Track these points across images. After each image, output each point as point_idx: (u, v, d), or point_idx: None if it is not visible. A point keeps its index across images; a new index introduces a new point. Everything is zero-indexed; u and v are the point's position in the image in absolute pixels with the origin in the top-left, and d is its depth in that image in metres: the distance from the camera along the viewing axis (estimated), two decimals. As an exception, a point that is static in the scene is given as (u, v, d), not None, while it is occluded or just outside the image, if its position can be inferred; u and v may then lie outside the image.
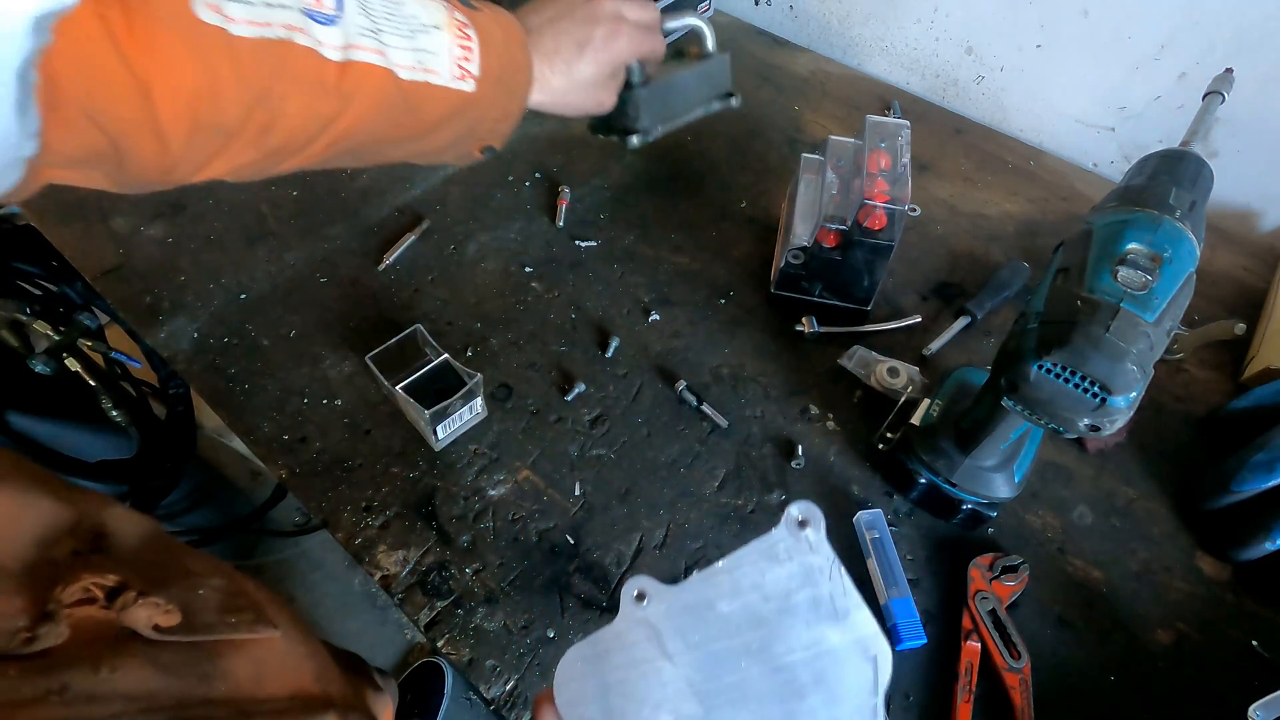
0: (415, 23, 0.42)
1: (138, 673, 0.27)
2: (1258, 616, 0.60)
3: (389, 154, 0.47)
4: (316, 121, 0.39)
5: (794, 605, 0.32)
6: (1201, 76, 0.82)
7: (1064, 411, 0.46)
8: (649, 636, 0.32)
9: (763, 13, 1.18)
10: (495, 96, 0.46)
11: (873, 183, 0.67)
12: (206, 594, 0.33)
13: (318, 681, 0.36)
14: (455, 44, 0.43)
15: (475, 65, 0.44)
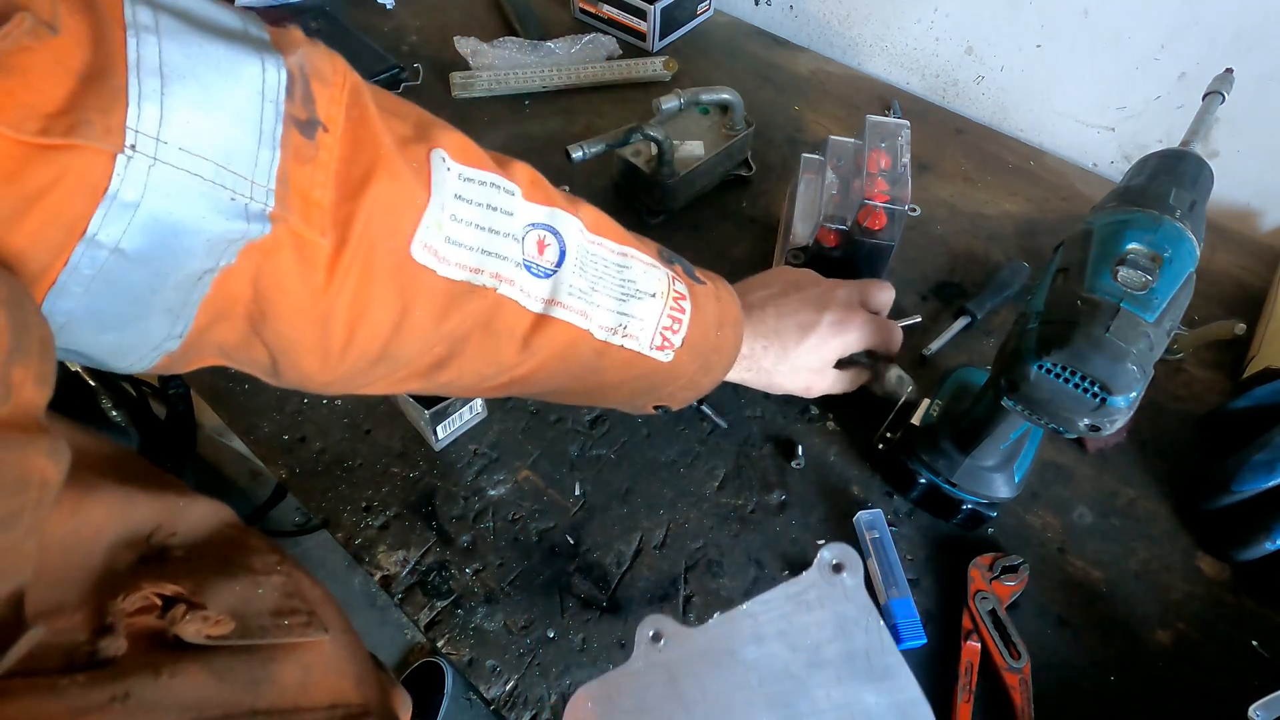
0: (632, 287, 0.42)
1: (194, 678, 0.27)
2: (1258, 616, 0.60)
3: (553, 398, 0.47)
4: (494, 368, 0.38)
5: (824, 658, 0.28)
6: (1201, 76, 0.82)
7: (1064, 411, 0.46)
8: (664, 680, 0.29)
9: (763, 13, 1.18)
10: (689, 369, 0.45)
11: (873, 183, 0.67)
12: (265, 593, 0.32)
13: (358, 688, 0.36)
14: (666, 314, 0.43)
15: (679, 338, 0.43)
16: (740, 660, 0.28)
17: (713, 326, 0.46)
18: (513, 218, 0.35)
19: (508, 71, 1.00)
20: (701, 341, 0.45)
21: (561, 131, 0.96)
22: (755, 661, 0.28)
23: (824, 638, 0.28)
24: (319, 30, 1.03)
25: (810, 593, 0.29)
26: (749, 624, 0.29)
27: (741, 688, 0.28)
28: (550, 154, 0.92)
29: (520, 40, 1.04)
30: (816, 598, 0.29)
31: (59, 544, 0.25)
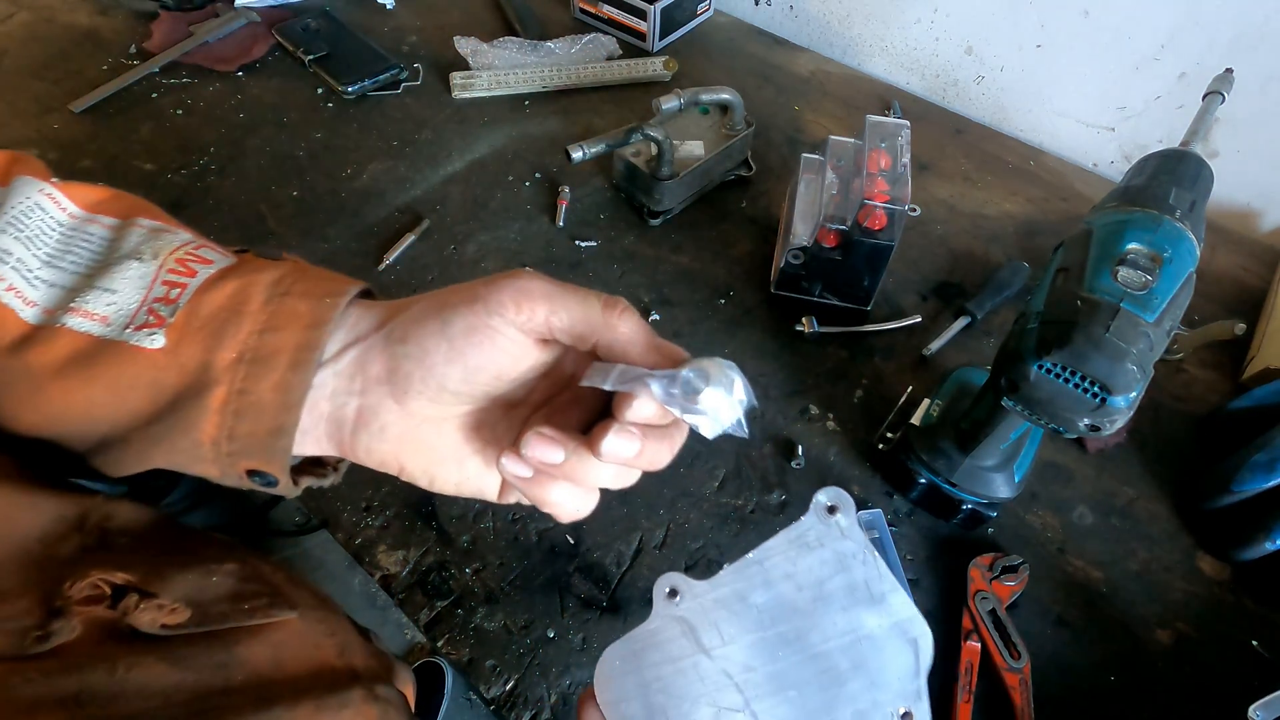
0: (115, 256, 0.29)
1: (153, 669, 0.27)
2: (1258, 616, 0.60)
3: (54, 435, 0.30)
4: None
5: (828, 592, 0.31)
6: (1201, 76, 0.82)
7: (1064, 411, 0.46)
8: (684, 632, 0.31)
9: (763, 13, 1.18)
10: (215, 363, 0.28)
11: (873, 183, 0.67)
12: (220, 580, 0.31)
13: (341, 656, 0.35)
14: (162, 280, 0.29)
15: (175, 308, 0.28)
16: (752, 604, 0.31)
17: (263, 293, 0.29)
18: None
19: (508, 71, 1.00)
20: (232, 312, 0.28)
21: (561, 131, 0.96)
22: (766, 604, 0.31)
23: (825, 574, 0.31)
24: (319, 30, 1.03)
25: (810, 535, 0.31)
26: (756, 570, 0.31)
27: (756, 628, 0.31)
28: (550, 154, 0.92)
29: (520, 40, 1.04)
30: (815, 538, 0.32)
31: None
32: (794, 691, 0.30)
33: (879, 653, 0.30)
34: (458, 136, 0.94)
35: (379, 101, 0.98)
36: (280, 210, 0.84)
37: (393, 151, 0.91)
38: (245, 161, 0.88)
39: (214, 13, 1.05)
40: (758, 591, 0.31)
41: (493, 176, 0.89)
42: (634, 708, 0.31)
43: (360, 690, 0.33)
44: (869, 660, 0.30)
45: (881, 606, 0.31)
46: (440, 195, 0.87)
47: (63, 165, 0.86)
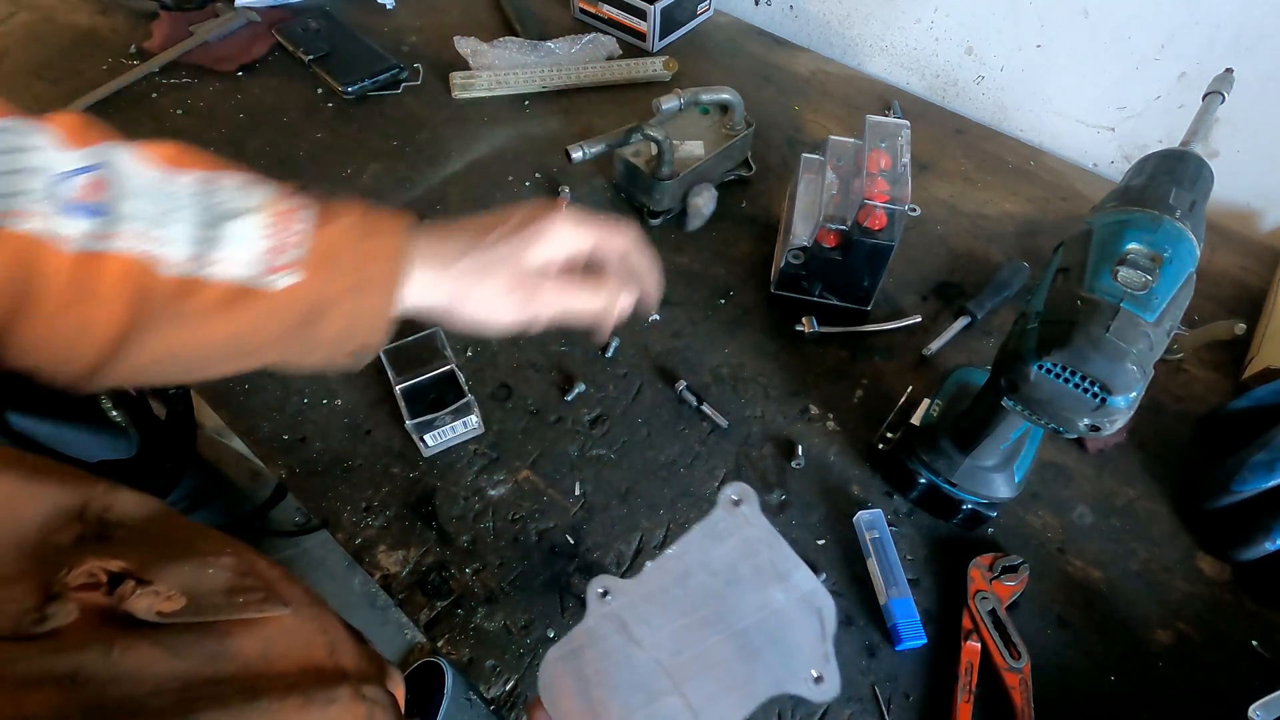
0: (219, 210, 0.36)
1: (147, 654, 0.27)
2: (1258, 616, 0.60)
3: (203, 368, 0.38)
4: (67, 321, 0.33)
5: (740, 575, 0.35)
6: (1201, 76, 0.82)
7: (1064, 411, 0.46)
8: (617, 628, 0.35)
9: (763, 13, 1.18)
10: (335, 289, 0.37)
11: (873, 183, 0.67)
12: (215, 573, 0.33)
13: (331, 655, 0.36)
14: (272, 230, 0.36)
15: (296, 254, 0.36)
16: (674, 595, 0.35)
17: (355, 235, 0.38)
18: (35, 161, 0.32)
19: (508, 71, 1.00)
20: (340, 253, 0.37)
21: (561, 131, 0.96)
22: (687, 592, 0.35)
23: (736, 559, 0.36)
24: (319, 30, 1.03)
25: (720, 526, 0.36)
26: (676, 564, 0.36)
27: (680, 615, 0.35)
28: (550, 154, 0.92)
29: (520, 40, 1.04)
30: (725, 529, 0.36)
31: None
32: (718, 669, 0.34)
33: (789, 625, 0.34)
34: (458, 136, 0.94)
35: (379, 101, 0.98)
36: (280, 210, 0.84)
37: (393, 151, 0.91)
38: (245, 161, 0.88)
39: (214, 13, 1.05)
40: (679, 582, 0.35)
41: (493, 176, 0.89)
42: (575, 703, 0.34)
43: (348, 688, 0.34)
44: (781, 633, 0.34)
45: (788, 583, 0.35)
46: (440, 195, 0.87)
47: (63, 165, 0.86)
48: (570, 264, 0.44)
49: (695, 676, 0.34)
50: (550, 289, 0.42)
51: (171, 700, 0.27)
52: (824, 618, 0.34)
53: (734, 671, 0.34)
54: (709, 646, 0.34)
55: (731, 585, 0.35)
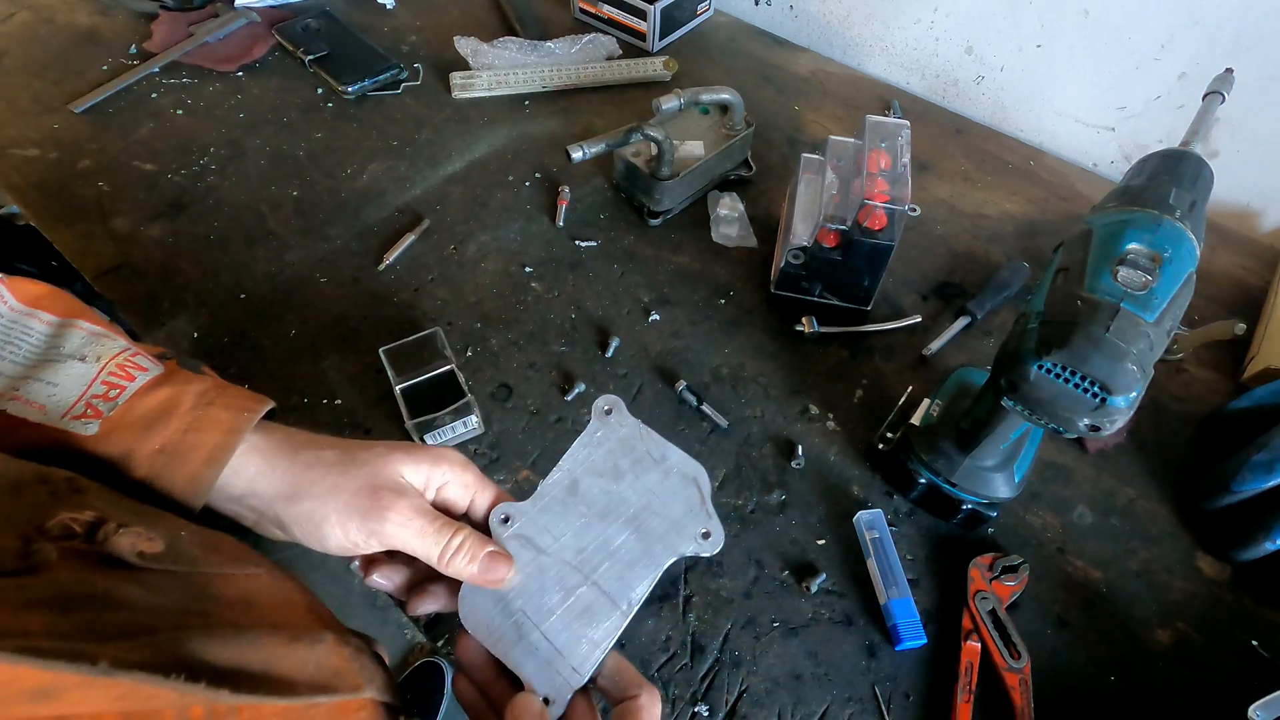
0: (57, 353, 0.34)
1: (132, 592, 0.27)
2: (1258, 616, 0.60)
3: None
4: None
5: (622, 471, 0.40)
6: (1201, 76, 0.82)
7: (1064, 411, 0.46)
8: (523, 545, 0.38)
9: (763, 13, 1.18)
10: (143, 448, 0.34)
11: (873, 183, 0.67)
12: (188, 536, 0.33)
13: (312, 610, 0.36)
14: (102, 380, 0.34)
15: (114, 405, 0.34)
16: (568, 503, 0.39)
17: (189, 400, 0.35)
18: None
19: (508, 71, 1.00)
20: (162, 414, 0.34)
21: (561, 131, 0.96)
22: (579, 497, 0.39)
23: (616, 458, 0.40)
24: (319, 30, 1.03)
25: (596, 435, 0.40)
26: (564, 476, 0.40)
27: (578, 518, 0.39)
28: (550, 154, 0.92)
29: (520, 40, 1.04)
30: (601, 437, 0.41)
31: None
32: (620, 552, 0.38)
33: (671, 497, 0.39)
34: (458, 136, 0.94)
35: (379, 101, 0.98)
36: (280, 210, 0.84)
37: (393, 151, 0.91)
38: (245, 161, 0.88)
39: (214, 13, 1.05)
40: (570, 492, 0.39)
41: (493, 176, 0.89)
42: (496, 619, 0.38)
43: (332, 635, 0.34)
44: (667, 507, 0.39)
45: (664, 465, 0.40)
46: (440, 195, 0.87)
47: (63, 165, 0.86)
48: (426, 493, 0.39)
49: (601, 565, 0.38)
50: (401, 516, 0.35)
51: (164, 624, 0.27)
52: (700, 485, 0.39)
53: (634, 550, 0.38)
54: (608, 536, 0.38)
55: (617, 480, 0.39)
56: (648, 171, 0.81)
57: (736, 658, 0.57)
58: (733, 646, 0.57)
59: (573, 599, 0.37)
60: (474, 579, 0.38)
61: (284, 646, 0.31)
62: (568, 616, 0.37)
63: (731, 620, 0.58)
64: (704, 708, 0.54)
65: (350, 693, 0.32)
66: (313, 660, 0.32)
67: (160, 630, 0.26)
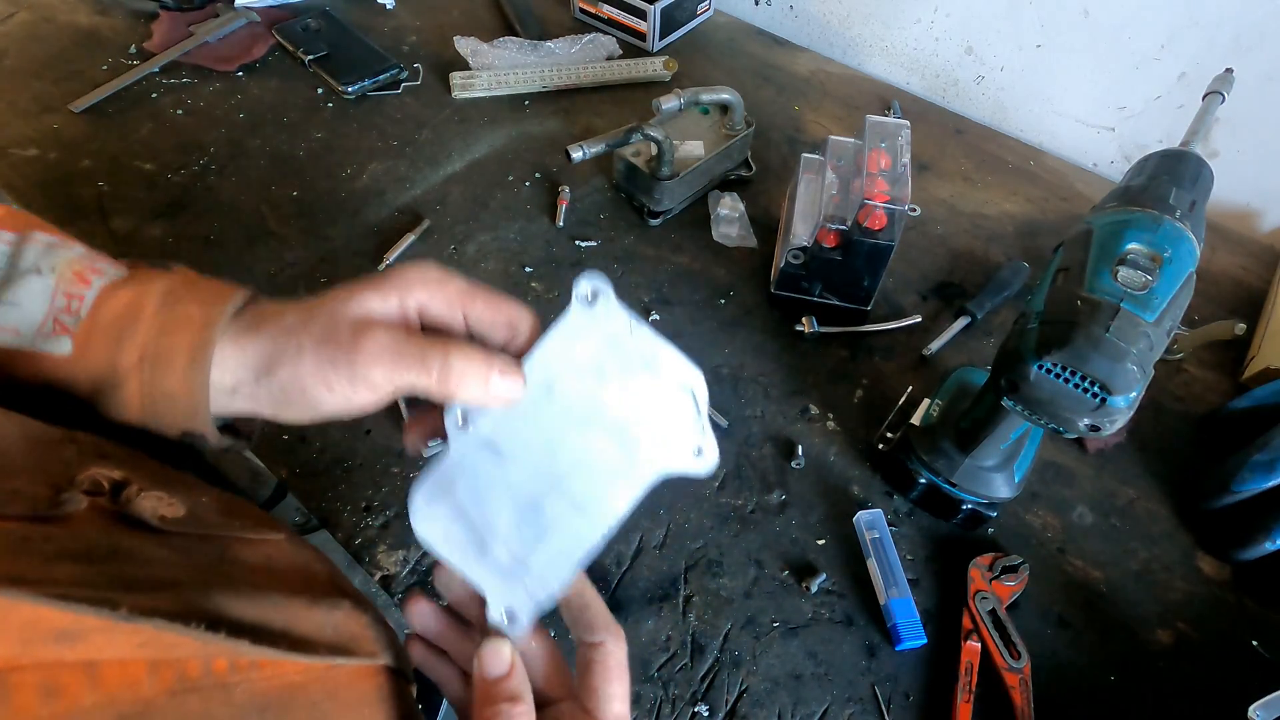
0: (15, 271, 0.33)
1: (154, 550, 0.28)
2: (1258, 616, 0.60)
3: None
4: None
5: (606, 372, 0.34)
6: (1201, 76, 0.82)
7: (1064, 411, 0.46)
8: (486, 452, 0.33)
9: (763, 13, 1.18)
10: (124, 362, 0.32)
11: (873, 183, 0.67)
12: (208, 502, 0.33)
13: (332, 579, 0.36)
14: (63, 292, 0.32)
15: (78, 317, 0.32)
16: (541, 404, 0.33)
17: (156, 299, 0.33)
18: None
19: (508, 71, 1.00)
20: (129, 319, 0.32)
21: (561, 131, 0.96)
22: (555, 398, 0.33)
23: (601, 356, 0.33)
24: (319, 30, 1.03)
25: (578, 324, 0.34)
26: (540, 372, 0.34)
27: (553, 421, 0.33)
28: (550, 154, 0.92)
29: (520, 40, 1.04)
30: (584, 328, 0.34)
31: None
32: (599, 463, 0.33)
33: (663, 408, 0.33)
34: (458, 136, 0.94)
35: (379, 101, 0.98)
36: (280, 210, 0.84)
37: (393, 151, 0.91)
38: (245, 161, 0.88)
39: (214, 13, 1.05)
40: (545, 392, 0.33)
41: (493, 176, 0.89)
42: (455, 530, 0.33)
43: (349, 601, 0.34)
44: (656, 417, 0.33)
45: (655, 369, 0.34)
46: (440, 195, 0.87)
47: (63, 165, 0.86)
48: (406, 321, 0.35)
49: (577, 475, 0.33)
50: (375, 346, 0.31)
51: (188, 578, 0.27)
52: (696, 394, 0.34)
53: (613, 463, 0.34)
54: (586, 445, 0.33)
55: (600, 382, 0.33)
56: (648, 171, 0.81)
57: (736, 658, 0.57)
58: (733, 646, 0.57)
59: (542, 511, 0.33)
60: (479, 400, 0.32)
61: (304, 609, 0.31)
62: (535, 529, 0.33)
63: (731, 620, 0.58)
64: (704, 708, 0.54)
65: (367, 658, 0.32)
66: (331, 624, 0.31)
67: (183, 585, 0.27)
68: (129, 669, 0.24)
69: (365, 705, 0.31)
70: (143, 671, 0.24)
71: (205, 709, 0.25)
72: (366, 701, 0.31)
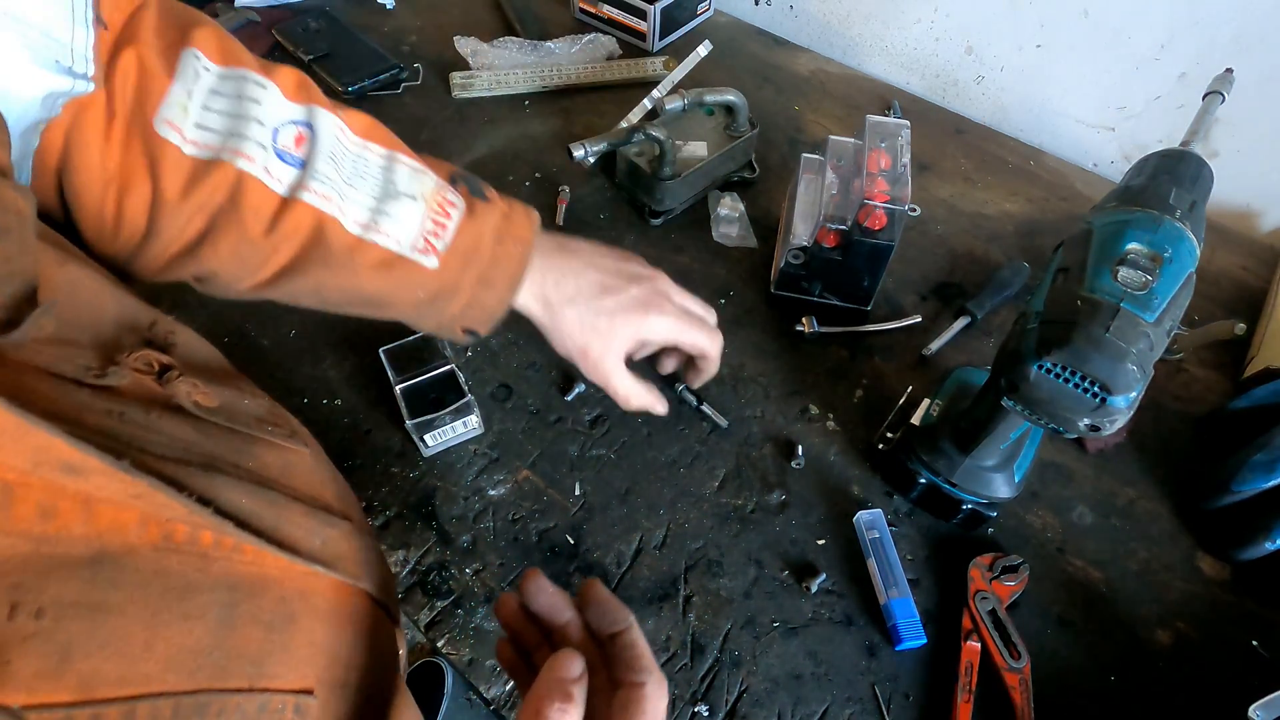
0: (394, 188, 0.42)
1: (180, 426, 0.31)
2: (1258, 616, 0.60)
3: (336, 307, 0.45)
4: (250, 249, 0.40)
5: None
6: (1201, 76, 0.82)
7: (1064, 411, 0.46)
8: None
9: (763, 13, 1.18)
10: (464, 280, 0.44)
11: (873, 183, 0.67)
12: (251, 404, 0.37)
13: (339, 501, 0.39)
14: (430, 217, 0.43)
15: (443, 242, 0.43)
16: None
17: (490, 238, 0.44)
18: (264, 109, 0.39)
19: (508, 71, 1.00)
20: (474, 250, 0.44)
21: (561, 131, 0.96)
22: None
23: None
24: (319, 30, 1.03)
25: None
26: None
27: None
28: (550, 154, 0.92)
29: (520, 40, 1.04)
30: None
31: (60, 287, 0.30)
32: None
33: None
34: (458, 136, 0.94)
35: (379, 101, 0.98)
36: (280, 210, 0.84)
37: (393, 151, 0.91)
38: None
39: (214, 13, 1.05)
40: None
41: (493, 176, 0.89)
42: None
43: (350, 525, 0.37)
44: None
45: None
46: (440, 195, 0.87)
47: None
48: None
49: None
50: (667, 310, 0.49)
51: (197, 460, 0.30)
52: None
53: None
54: None
55: None
56: (650, 171, 0.81)
57: (736, 658, 0.57)
58: (733, 646, 0.57)
59: None
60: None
61: (299, 515, 0.33)
62: None
63: (731, 620, 0.58)
64: (704, 708, 0.54)
65: (348, 577, 0.35)
66: (321, 536, 0.34)
67: (191, 463, 0.29)
68: (121, 515, 0.26)
69: (333, 616, 0.34)
70: (133, 521, 0.26)
71: (181, 570, 0.27)
72: (335, 614, 0.34)
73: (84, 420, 0.27)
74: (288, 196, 0.39)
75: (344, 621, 0.34)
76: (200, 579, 0.28)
